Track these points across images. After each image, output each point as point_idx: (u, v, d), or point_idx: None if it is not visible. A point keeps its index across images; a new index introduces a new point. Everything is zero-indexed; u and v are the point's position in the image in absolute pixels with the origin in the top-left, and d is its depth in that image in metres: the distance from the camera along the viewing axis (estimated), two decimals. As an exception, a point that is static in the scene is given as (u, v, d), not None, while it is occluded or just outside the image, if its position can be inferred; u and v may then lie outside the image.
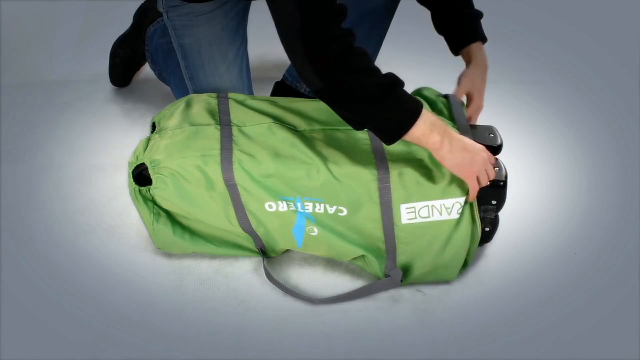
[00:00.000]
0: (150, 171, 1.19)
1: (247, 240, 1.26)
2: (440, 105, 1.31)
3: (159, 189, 1.19)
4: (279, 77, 1.60)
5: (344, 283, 1.25)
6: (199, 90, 1.43)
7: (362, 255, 1.22)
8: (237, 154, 1.18)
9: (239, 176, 1.16)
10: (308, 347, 1.14)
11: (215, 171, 1.17)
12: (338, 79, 1.07)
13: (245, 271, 1.28)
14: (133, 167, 1.21)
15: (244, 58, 1.46)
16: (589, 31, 2.08)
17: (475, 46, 1.36)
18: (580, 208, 1.43)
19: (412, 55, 1.93)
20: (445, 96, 1.33)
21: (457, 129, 1.23)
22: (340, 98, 1.09)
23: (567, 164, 1.56)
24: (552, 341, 1.15)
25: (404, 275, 1.22)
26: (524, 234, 1.36)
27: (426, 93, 1.34)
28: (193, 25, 1.40)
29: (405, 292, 1.23)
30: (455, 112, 1.28)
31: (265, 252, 1.27)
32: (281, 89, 1.58)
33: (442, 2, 1.36)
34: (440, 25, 1.39)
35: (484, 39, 1.37)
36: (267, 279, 1.25)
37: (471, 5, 1.38)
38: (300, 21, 1.05)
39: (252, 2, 1.44)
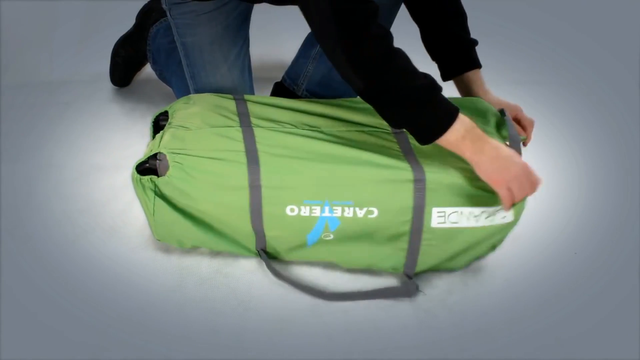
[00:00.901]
0: (169, 158, 1.17)
1: (247, 240, 1.25)
2: (492, 117, 1.29)
3: (175, 178, 1.17)
4: (279, 78, 1.60)
5: (344, 284, 1.25)
6: (200, 90, 1.43)
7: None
8: (263, 155, 1.17)
9: (265, 177, 1.15)
10: (308, 347, 1.14)
11: (241, 171, 1.15)
12: (379, 79, 1.09)
13: (245, 271, 1.28)
14: (144, 158, 1.20)
15: (245, 59, 1.46)
16: (589, 31, 2.08)
17: (477, 73, 1.35)
18: (580, 208, 1.44)
19: (412, 55, 1.93)
20: (501, 111, 1.31)
21: (510, 143, 1.22)
22: (381, 98, 1.11)
23: (567, 164, 1.56)
24: (552, 341, 1.15)
25: (422, 271, 1.23)
26: (524, 234, 1.36)
27: (478, 104, 1.32)
28: (195, 24, 1.40)
29: (405, 292, 1.23)
30: (509, 126, 1.25)
31: (265, 252, 1.27)
32: (279, 90, 1.58)
33: (441, 24, 1.35)
34: (436, 48, 1.37)
35: (480, 67, 1.36)
36: (268, 278, 1.25)
37: (468, 31, 1.36)
38: (336, 26, 1.06)
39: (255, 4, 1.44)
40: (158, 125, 1.34)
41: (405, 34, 2.04)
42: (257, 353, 1.13)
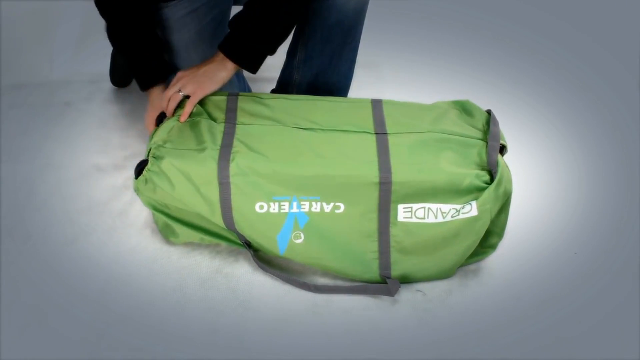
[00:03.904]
0: (152, 152, 1.21)
1: (231, 234, 1.27)
2: (478, 116, 1.30)
3: (151, 172, 1.20)
4: (277, 76, 1.61)
5: (343, 284, 1.26)
6: None
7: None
8: (236, 152, 1.18)
9: (235, 173, 1.17)
10: (308, 347, 1.14)
11: (211, 167, 1.17)
12: None
13: (245, 271, 1.28)
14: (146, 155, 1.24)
15: None
16: (589, 31, 2.08)
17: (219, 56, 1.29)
18: (580, 208, 1.44)
19: (412, 56, 1.93)
20: (488, 111, 1.32)
21: (489, 138, 1.23)
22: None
23: (567, 164, 1.56)
24: (552, 341, 1.15)
25: (403, 277, 1.23)
26: (524, 234, 1.36)
27: (466, 105, 1.34)
28: (171, 30, 1.43)
29: (405, 292, 1.23)
30: (491, 128, 1.26)
31: (251, 246, 1.27)
32: None
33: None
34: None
35: (231, 56, 1.28)
36: (268, 278, 1.25)
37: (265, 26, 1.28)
38: None
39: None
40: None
41: (406, 34, 2.04)
42: (257, 353, 1.13)
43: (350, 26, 1.44)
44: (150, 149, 1.22)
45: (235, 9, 1.49)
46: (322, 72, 1.49)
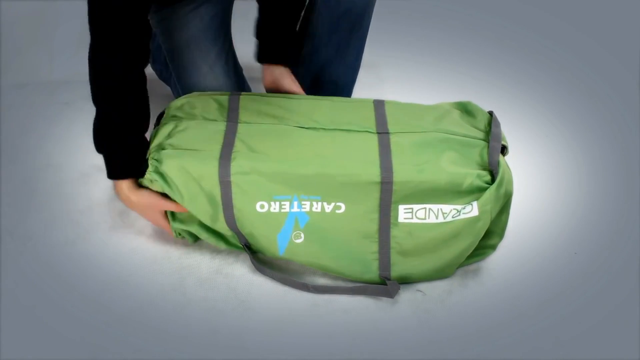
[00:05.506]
0: (152, 155, 1.20)
1: (230, 235, 1.26)
2: (480, 117, 1.31)
3: (151, 174, 1.20)
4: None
5: (342, 285, 1.25)
6: (187, 91, 1.44)
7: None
8: (237, 151, 1.19)
9: (236, 172, 1.17)
10: (308, 347, 1.14)
11: (212, 166, 1.17)
12: None
13: (245, 271, 1.28)
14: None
15: (228, 58, 1.47)
16: (589, 31, 2.08)
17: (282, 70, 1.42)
18: (580, 208, 1.44)
19: (412, 55, 1.93)
20: (490, 112, 1.32)
21: (490, 139, 1.23)
22: None
23: (567, 164, 1.56)
24: (552, 341, 1.16)
25: (402, 277, 1.23)
26: (524, 234, 1.36)
27: (469, 106, 1.34)
28: (171, 29, 1.44)
29: (405, 293, 1.23)
30: (493, 129, 1.26)
31: (250, 248, 1.27)
32: None
33: (279, 8, 1.41)
34: (264, 29, 1.43)
35: (289, 64, 1.42)
36: (261, 275, 1.25)
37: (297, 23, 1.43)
38: None
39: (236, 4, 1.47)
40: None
41: (406, 34, 2.04)
42: (257, 353, 1.13)
43: (359, 14, 1.43)
44: (150, 152, 1.21)
45: (237, 6, 1.49)
46: (327, 64, 1.48)
